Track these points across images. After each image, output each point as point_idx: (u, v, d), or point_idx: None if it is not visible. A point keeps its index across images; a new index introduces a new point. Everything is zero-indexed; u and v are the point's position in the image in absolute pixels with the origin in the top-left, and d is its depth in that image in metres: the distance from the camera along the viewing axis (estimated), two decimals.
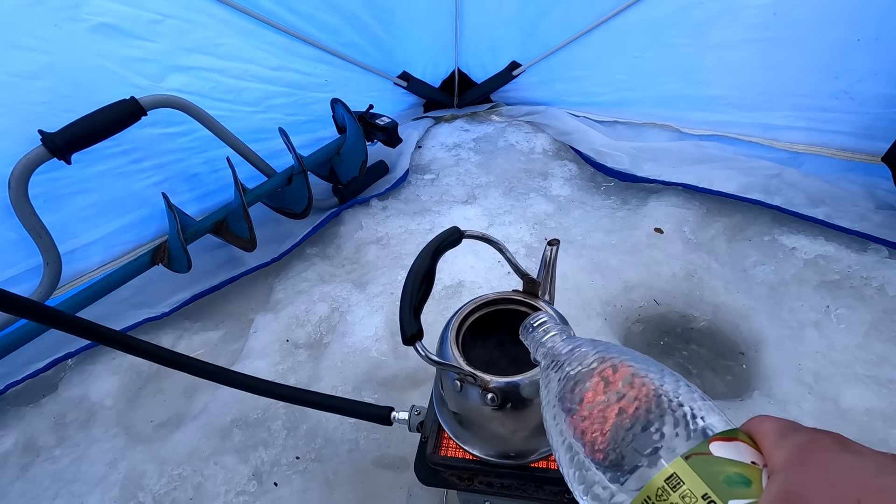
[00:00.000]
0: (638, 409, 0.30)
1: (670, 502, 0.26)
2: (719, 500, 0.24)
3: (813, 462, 0.23)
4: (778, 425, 0.27)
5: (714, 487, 0.25)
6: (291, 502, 0.85)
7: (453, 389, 0.61)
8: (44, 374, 1.06)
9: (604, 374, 0.34)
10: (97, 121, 1.07)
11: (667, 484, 0.26)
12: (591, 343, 0.39)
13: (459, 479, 0.68)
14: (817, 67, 1.34)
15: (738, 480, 0.25)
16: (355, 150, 1.48)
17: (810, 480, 0.22)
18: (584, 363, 0.36)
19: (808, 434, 0.25)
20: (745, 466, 0.26)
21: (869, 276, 1.14)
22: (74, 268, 1.19)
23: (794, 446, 0.24)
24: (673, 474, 0.26)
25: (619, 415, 0.31)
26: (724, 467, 0.26)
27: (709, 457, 0.26)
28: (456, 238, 0.67)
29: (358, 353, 1.05)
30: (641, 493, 0.27)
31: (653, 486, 0.27)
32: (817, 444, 0.24)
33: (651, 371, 0.33)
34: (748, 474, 0.25)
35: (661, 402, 0.30)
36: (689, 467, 0.26)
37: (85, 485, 0.88)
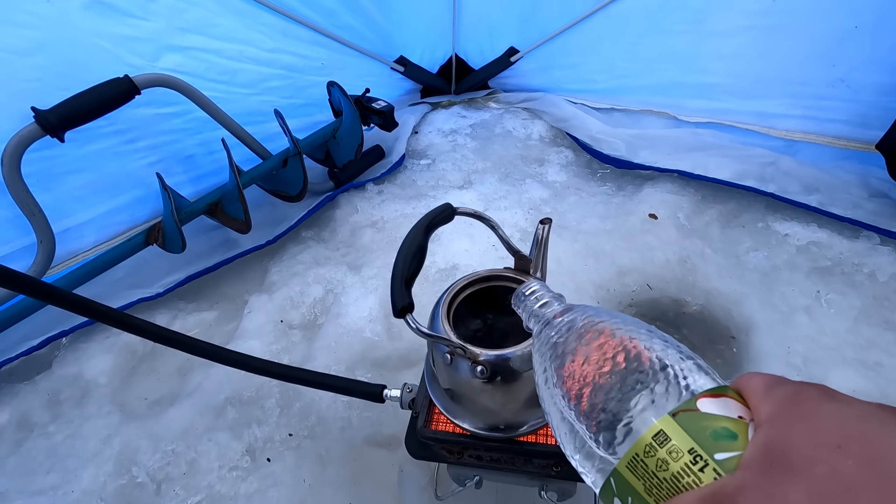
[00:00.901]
0: (627, 369, 0.31)
1: (658, 458, 0.26)
2: (705, 454, 0.25)
3: (797, 412, 0.23)
4: (765, 380, 0.27)
5: (700, 442, 0.25)
6: (284, 478, 0.85)
7: (444, 363, 0.61)
8: (38, 351, 1.06)
9: (594, 336, 0.35)
10: (90, 98, 1.06)
11: (654, 441, 0.27)
12: (582, 308, 0.39)
13: (449, 453, 0.69)
14: (815, 55, 1.34)
15: (724, 434, 0.25)
16: (351, 133, 1.47)
17: (793, 429, 0.22)
18: (575, 327, 0.37)
19: (794, 386, 0.25)
20: (731, 421, 0.26)
21: (860, 262, 1.15)
22: (68, 247, 1.19)
23: (780, 398, 0.24)
24: (660, 431, 0.27)
25: (608, 376, 0.31)
26: (711, 422, 0.26)
27: (696, 413, 0.27)
28: (448, 214, 0.68)
29: (352, 334, 1.06)
30: (630, 450, 0.28)
31: (641, 444, 0.27)
32: (802, 395, 0.24)
33: (641, 333, 0.34)
34: (734, 428, 0.26)
35: (650, 363, 0.31)
36: (676, 423, 0.26)
37: (79, 460, 0.89)
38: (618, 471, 0.28)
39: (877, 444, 0.20)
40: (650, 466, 0.26)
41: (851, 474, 0.19)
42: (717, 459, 0.24)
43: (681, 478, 0.25)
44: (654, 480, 0.26)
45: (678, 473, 0.25)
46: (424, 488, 0.82)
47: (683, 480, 0.25)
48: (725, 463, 0.24)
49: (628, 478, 0.28)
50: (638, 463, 0.27)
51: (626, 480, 0.28)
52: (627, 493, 0.28)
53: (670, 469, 0.25)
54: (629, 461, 0.28)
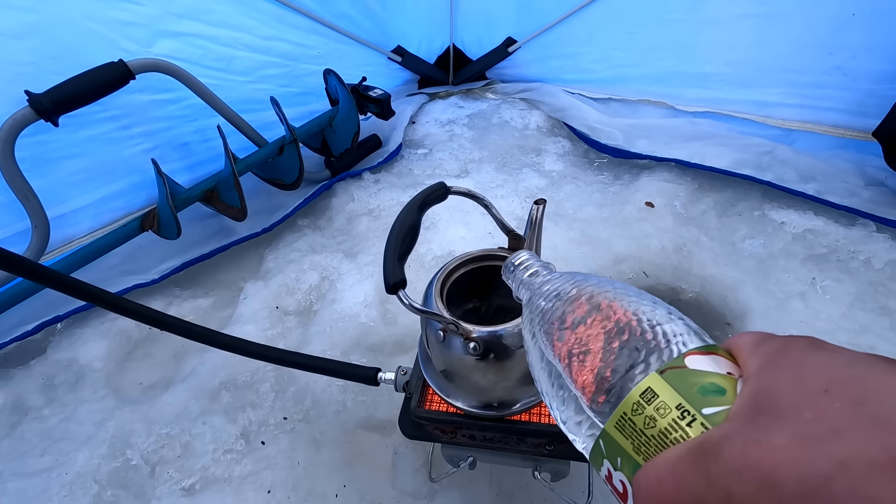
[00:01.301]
0: (615, 330, 0.31)
1: (646, 415, 0.26)
2: (692, 409, 0.24)
3: (784, 362, 0.23)
4: (754, 337, 0.27)
5: (688, 397, 0.25)
6: (278, 460, 0.85)
7: (437, 340, 0.61)
8: (32, 336, 1.06)
9: (582, 300, 0.34)
10: (85, 83, 1.05)
11: (642, 398, 0.26)
12: (571, 275, 0.39)
13: (443, 433, 0.69)
14: (812, 43, 1.34)
15: (712, 389, 0.25)
16: (348, 121, 1.47)
17: (780, 378, 0.22)
18: (563, 292, 0.37)
19: (783, 339, 0.25)
20: (720, 377, 0.26)
21: (856, 249, 1.15)
22: (63, 233, 1.19)
23: (769, 351, 0.24)
24: (648, 388, 0.26)
25: (596, 338, 0.31)
26: (699, 378, 0.26)
27: (684, 370, 0.26)
28: (442, 193, 0.67)
29: (347, 319, 1.06)
30: (618, 409, 0.27)
31: (629, 402, 0.27)
32: (790, 347, 0.24)
33: (630, 295, 0.33)
34: (723, 383, 0.25)
35: (637, 323, 0.30)
36: (663, 381, 0.26)
37: (73, 443, 0.89)
38: (606, 431, 0.28)
39: (863, 387, 0.20)
40: (638, 424, 0.26)
41: (837, 416, 0.19)
42: (705, 414, 0.24)
43: (668, 433, 0.25)
44: (642, 438, 0.26)
45: (666, 429, 0.25)
46: (418, 470, 0.82)
47: (671, 436, 0.25)
48: (713, 417, 0.24)
49: (617, 438, 0.28)
50: (626, 422, 0.27)
51: (615, 440, 0.28)
52: (616, 454, 0.28)
53: (658, 425, 0.25)
54: (617, 421, 0.27)
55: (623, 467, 0.27)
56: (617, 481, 0.28)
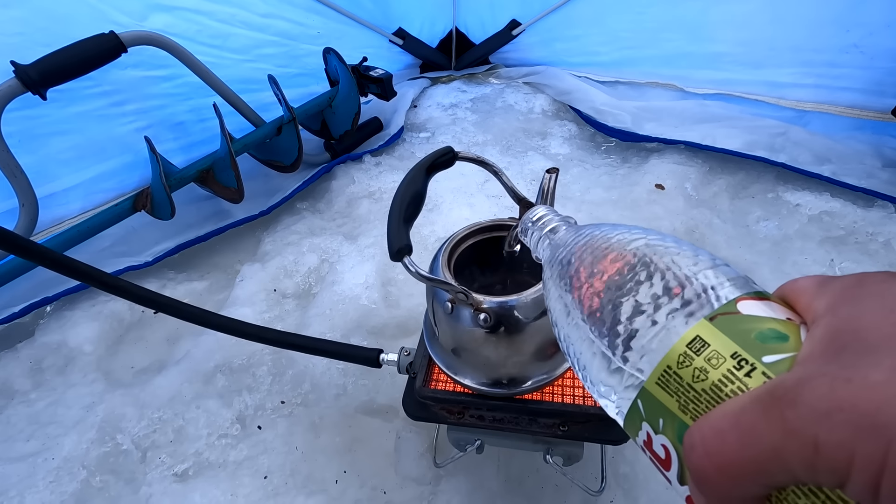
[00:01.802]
0: (653, 277, 0.27)
1: (694, 367, 0.22)
2: (751, 357, 0.21)
3: (866, 295, 0.19)
4: (816, 279, 0.23)
5: (744, 345, 0.21)
6: (275, 445, 0.81)
7: (444, 312, 0.57)
8: (20, 319, 1.02)
9: (613, 249, 0.31)
10: (74, 54, 1.01)
11: (689, 349, 0.23)
12: (596, 226, 0.35)
13: (449, 413, 0.65)
14: (828, 20, 1.30)
15: (772, 336, 0.21)
16: (348, 102, 1.42)
17: (864, 311, 0.18)
18: (591, 243, 0.33)
19: (855, 276, 0.21)
20: (779, 322, 0.22)
21: (874, 231, 1.11)
22: (53, 213, 1.15)
23: (840, 288, 0.21)
24: (696, 337, 0.23)
25: (631, 286, 0.27)
26: (756, 324, 0.22)
27: (737, 315, 0.23)
28: (450, 158, 0.63)
29: (347, 301, 1.02)
30: (661, 363, 0.24)
31: (673, 354, 0.23)
32: (869, 280, 0.20)
33: (667, 242, 0.29)
34: (784, 329, 0.22)
35: (680, 269, 0.27)
36: (714, 328, 0.23)
37: (61, 427, 0.85)
38: (646, 390, 0.24)
39: None
40: (685, 378, 0.23)
41: None
42: (767, 362, 0.20)
43: (723, 386, 0.21)
44: (691, 394, 0.22)
45: (720, 381, 0.21)
46: (423, 455, 0.78)
47: (727, 388, 0.21)
48: (776, 365, 0.20)
49: (659, 396, 0.24)
50: (670, 377, 0.23)
51: (657, 399, 0.24)
52: (658, 414, 0.24)
53: (710, 378, 0.21)
54: (660, 376, 0.24)
55: (666, 429, 0.24)
56: (658, 446, 0.24)
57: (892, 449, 0.14)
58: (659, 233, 0.31)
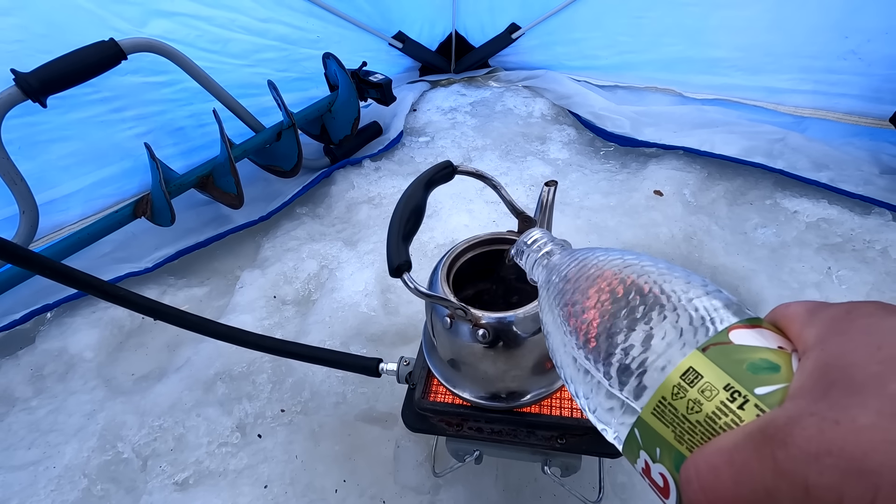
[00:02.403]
0: (646, 305, 0.27)
1: (688, 399, 0.23)
2: (743, 389, 0.21)
3: (854, 329, 0.20)
4: (807, 305, 0.23)
5: (737, 376, 0.22)
6: (275, 453, 0.82)
7: (443, 327, 0.58)
8: (21, 326, 1.02)
9: (606, 275, 0.31)
10: (74, 62, 1.01)
11: (683, 380, 0.23)
12: (590, 250, 0.36)
13: (448, 425, 0.66)
14: (826, 26, 1.30)
15: (764, 366, 0.22)
16: (348, 107, 1.43)
17: (852, 347, 0.19)
18: (585, 268, 0.33)
19: (845, 305, 0.21)
20: (771, 352, 0.22)
21: (872, 239, 1.11)
22: (53, 220, 1.15)
23: (830, 319, 0.21)
24: (689, 369, 0.23)
25: (626, 314, 0.28)
26: (747, 354, 0.22)
27: (729, 345, 0.23)
28: (449, 172, 0.63)
29: (347, 309, 1.02)
30: (656, 394, 0.24)
31: (668, 385, 0.24)
32: (857, 312, 0.20)
33: (659, 268, 0.30)
34: (775, 359, 0.22)
35: (672, 298, 0.27)
36: (706, 359, 0.23)
37: (62, 435, 0.85)
38: (642, 419, 0.25)
39: None
40: (680, 410, 0.23)
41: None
42: (759, 394, 0.21)
43: (717, 418, 0.21)
44: (686, 425, 0.23)
45: (713, 414, 0.22)
46: (421, 464, 0.79)
47: (720, 421, 0.21)
48: (769, 397, 0.21)
49: (655, 426, 0.24)
50: (665, 407, 0.24)
51: (653, 429, 0.24)
52: (655, 444, 0.24)
53: (704, 410, 0.22)
54: (655, 406, 0.24)
55: (663, 458, 0.24)
56: (656, 474, 0.25)
57: (880, 494, 0.15)
58: (651, 258, 0.31)
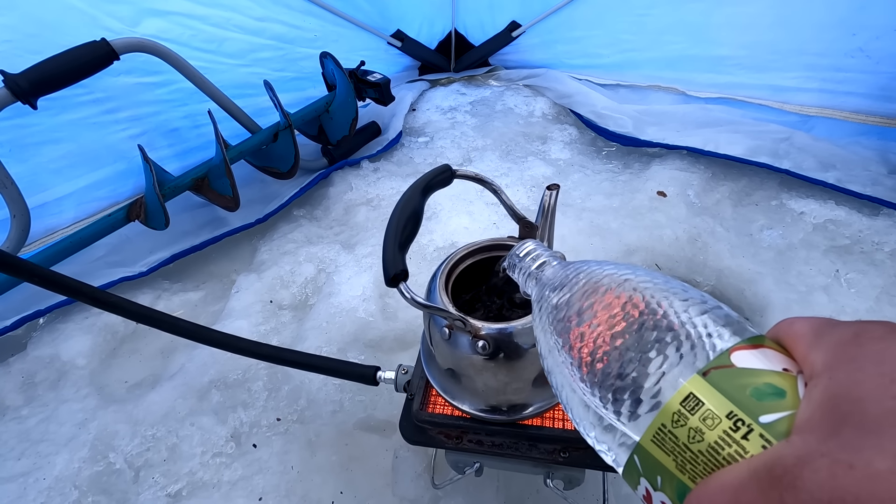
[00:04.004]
0: (643, 325, 0.26)
1: (689, 427, 0.21)
2: (747, 417, 0.20)
3: (864, 357, 0.18)
4: (813, 323, 0.22)
5: (740, 403, 0.20)
6: (271, 464, 0.80)
7: (441, 338, 0.56)
8: (12, 332, 1.00)
9: (600, 291, 0.29)
10: (65, 63, 0.99)
11: (683, 406, 0.22)
12: (584, 263, 0.34)
13: (447, 438, 0.64)
14: (833, 23, 1.27)
15: (768, 392, 0.20)
16: (345, 107, 1.40)
17: (864, 378, 0.17)
18: (578, 284, 0.31)
19: (853, 327, 0.20)
20: (775, 375, 0.21)
21: (880, 240, 1.09)
22: (45, 223, 1.13)
23: (837, 342, 0.19)
24: (690, 395, 0.22)
25: (621, 335, 0.26)
26: (751, 378, 0.21)
27: (731, 369, 0.22)
28: (447, 177, 0.62)
29: (344, 314, 1.00)
30: (655, 421, 0.23)
31: (667, 412, 0.22)
32: (867, 336, 0.19)
33: (656, 283, 0.28)
34: (780, 384, 0.21)
35: (669, 316, 0.26)
36: (707, 384, 0.22)
37: (52, 445, 0.84)
38: (642, 446, 0.24)
39: None
40: (681, 438, 0.22)
41: None
42: (764, 423, 0.20)
43: (720, 449, 0.20)
44: (687, 454, 0.21)
45: (716, 444, 0.20)
46: (420, 475, 0.77)
47: (724, 452, 0.20)
48: (774, 426, 0.19)
49: (655, 454, 0.23)
50: (665, 435, 0.22)
51: (653, 457, 0.23)
52: (656, 472, 0.23)
53: (706, 439, 0.21)
54: (655, 434, 0.23)
55: (665, 487, 0.23)
56: (658, 502, 0.23)
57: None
58: (647, 272, 0.30)
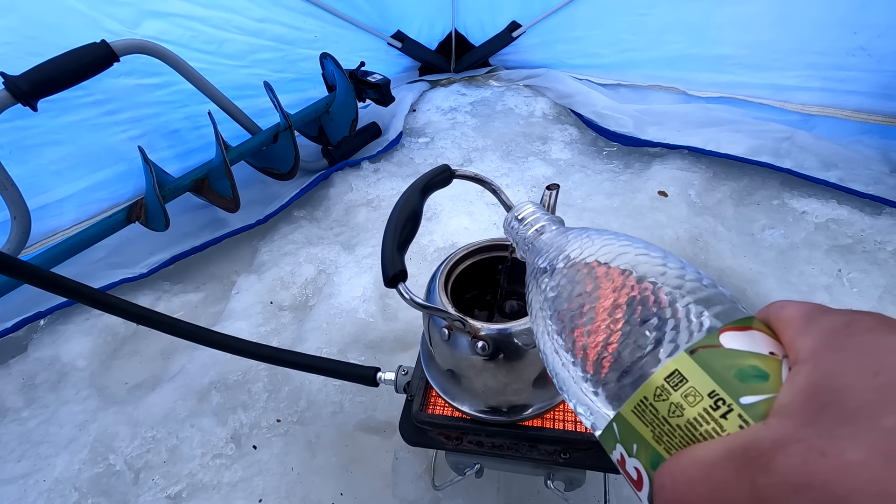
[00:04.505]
0: (636, 300, 0.26)
1: (671, 402, 0.22)
2: (729, 397, 0.20)
3: (851, 347, 0.18)
4: (803, 309, 0.22)
5: (723, 383, 0.21)
6: (271, 465, 0.80)
7: (441, 339, 0.56)
8: (13, 334, 1.00)
9: (593, 264, 0.29)
10: (65, 64, 0.99)
11: (667, 382, 0.22)
12: (583, 231, 0.33)
13: (447, 439, 0.63)
14: (834, 21, 1.27)
15: (752, 374, 0.21)
16: (345, 108, 1.40)
17: (848, 368, 0.17)
18: (571, 254, 0.31)
19: (844, 316, 0.20)
20: (761, 358, 0.21)
21: (883, 240, 1.08)
22: (46, 225, 1.13)
23: (827, 330, 0.19)
24: (675, 371, 0.22)
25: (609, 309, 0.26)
26: (736, 360, 0.21)
27: (718, 349, 0.22)
28: (446, 177, 0.61)
29: (344, 315, 1.00)
30: (637, 393, 0.23)
31: (650, 386, 0.23)
32: (856, 327, 0.19)
33: (652, 256, 0.28)
34: (765, 366, 0.21)
35: (662, 292, 0.25)
36: (693, 362, 0.22)
37: (53, 447, 0.83)
38: (622, 416, 0.24)
39: None
40: (661, 412, 0.22)
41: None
42: (744, 404, 0.20)
43: (698, 425, 0.21)
44: (665, 427, 0.22)
45: (695, 420, 0.21)
46: (421, 477, 0.76)
47: (701, 428, 0.21)
48: (753, 408, 0.20)
49: (634, 423, 0.24)
50: (646, 407, 0.23)
51: (632, 426, 0.24)
52: (632, 440, 0.24)
53: (685, 415, 0.21)
54: (636, 405, 0.23)
55: (640, 455, 0.24)
56: (631, 468, 0.24)
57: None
58: (646, 244, 0.30)
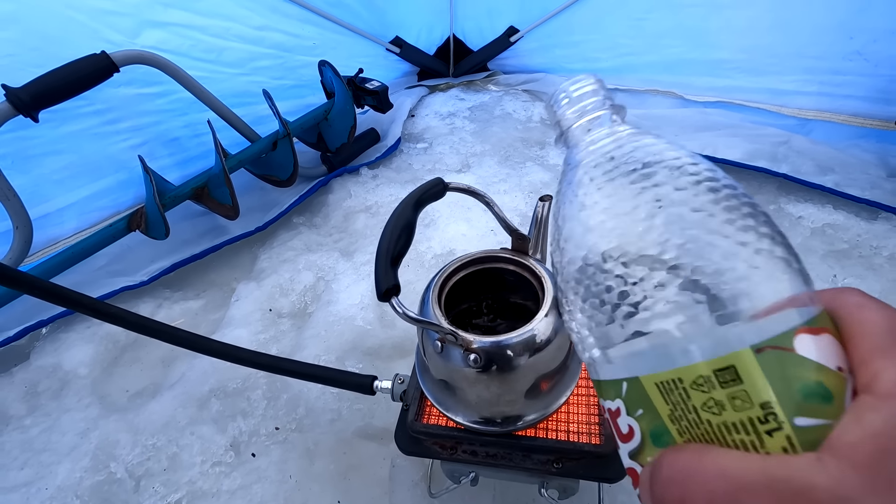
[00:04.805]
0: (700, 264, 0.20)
1: (712, 397, 0.19)
2: (783, 414, 0.18)
3: None
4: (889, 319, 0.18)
5: (782, 396, 0.18)
6: (269, 473, 0.81)
7: (434, 351, 0.56)
8: (15, 342, 1.02)
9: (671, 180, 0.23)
10: (65, 76, 1.00)
11: (716, 375, 0.19)
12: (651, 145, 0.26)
13: (442, 448, 0.64)
14: (831, 26, 1.27)
15: (817, 392, 0.18)
16: (344, 114, 1.41)
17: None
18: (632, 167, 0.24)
19: None
20: (829, 374, 0.18)
21: (879, 245, 1.09)
22: (47, 234, 1.14)
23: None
24: (730, 367, 0.19)
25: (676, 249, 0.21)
26: (805, 371, 0.18)
27: (790, 354, 0.19)
28: (439, 190, 0.61)
29: (343, 322, 1.01)
30: (672, 372, 0.20)
31: (692, 372, 0.20)
32: None
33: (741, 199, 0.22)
34: (831, 385, 0.18)
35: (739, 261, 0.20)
36: (757, 364, 0.19)
37: (55, 455, 0.85)
38: (641, 383, 0.21)
39: None
40: (693, 400, 0.20)
41: None
42: (797, 426, 0.18)
43: (734, 431, 0.19)
44: (692, 417, 0.20)
45: (733, 425, 0.19)
46: (417, 484, 0.77)
47: (737, 436, 0.19)
48: (806, 432, 0.18)
49: (652, 394, 0.21)
50: (676, 388, 0.20)
51: (647, 395, 0.21)
52: (640, 405, 0.22)
53: (724, 416, 0.19)
54: (664, 382, 0.21)
55: (642, 420, 0.22)
56: (624, 424, 0.22)
57: None
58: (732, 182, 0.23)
